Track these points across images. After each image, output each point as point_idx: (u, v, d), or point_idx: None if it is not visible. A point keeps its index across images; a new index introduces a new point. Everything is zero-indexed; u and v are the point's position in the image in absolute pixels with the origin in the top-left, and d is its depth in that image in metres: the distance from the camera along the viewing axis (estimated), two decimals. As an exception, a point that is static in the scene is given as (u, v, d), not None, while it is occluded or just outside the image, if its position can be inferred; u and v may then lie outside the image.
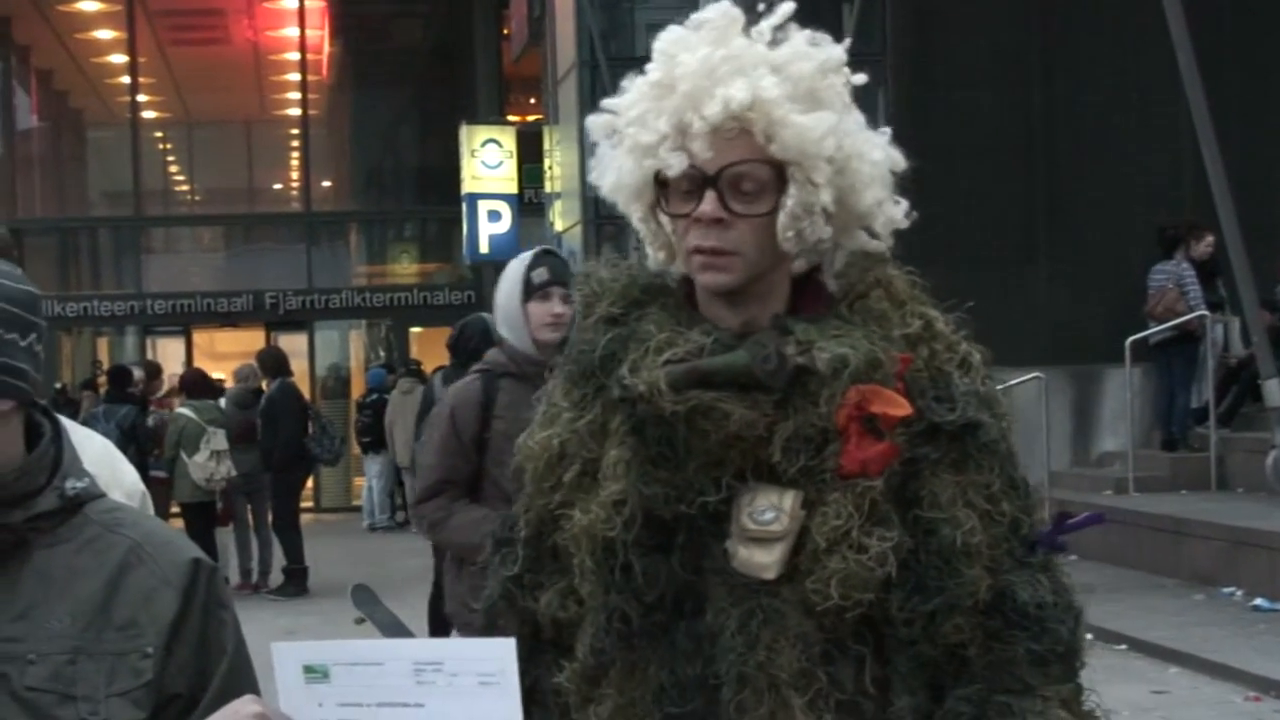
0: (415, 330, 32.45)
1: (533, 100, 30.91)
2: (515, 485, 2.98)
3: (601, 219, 23.38)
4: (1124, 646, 12.86)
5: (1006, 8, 21.14)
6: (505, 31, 31.50)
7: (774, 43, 2.78)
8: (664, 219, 2.83)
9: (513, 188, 28.34)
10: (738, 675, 2.69)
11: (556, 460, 2.86)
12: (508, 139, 28.55)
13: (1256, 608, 13.75)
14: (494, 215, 28.17)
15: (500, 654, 2.33)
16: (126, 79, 33.99)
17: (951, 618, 2.71)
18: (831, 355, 2.68)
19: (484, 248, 28.32)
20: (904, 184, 2.87)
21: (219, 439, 18.03)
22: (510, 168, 28.20)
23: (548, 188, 26.88)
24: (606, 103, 2.88)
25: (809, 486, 2.71)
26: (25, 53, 35.21)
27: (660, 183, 2.79)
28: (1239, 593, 14.28)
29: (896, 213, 2.84)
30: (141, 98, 34.47)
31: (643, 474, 2.73)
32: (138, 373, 21.00)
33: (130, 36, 33.64)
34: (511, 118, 30.93)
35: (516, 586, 2.92)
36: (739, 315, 2.79)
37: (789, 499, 2.71)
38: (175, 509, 18.19)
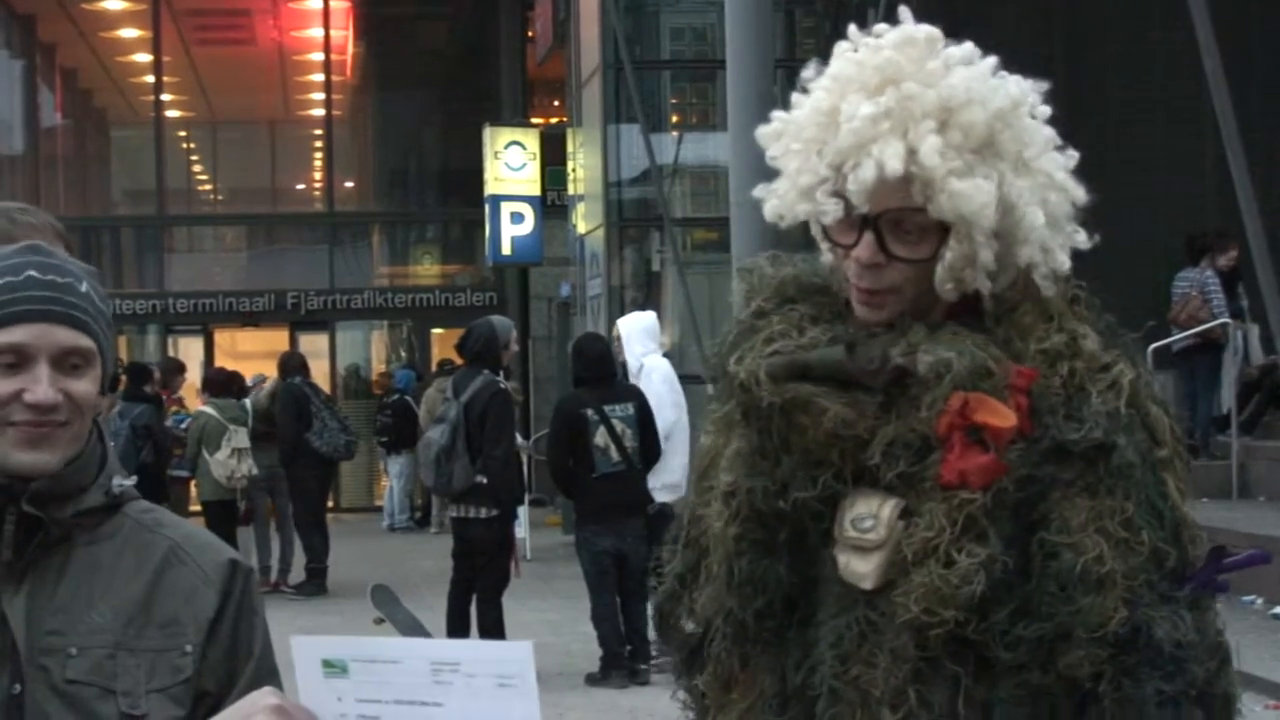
0: (437, 331, 32.45)
1: (556, 102, 30.92)
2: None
3: (624, 221, 23.41)
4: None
5: (1028, 15, 21.13)
6: (530, 34, 31.52)
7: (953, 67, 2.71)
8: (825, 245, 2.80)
9: (536, 190, 28.35)
10: (830, 688, 2.65)
11: (712, 462, 2.86)
12: (531, 141, 28.54)
13: (1277, 616, 13.70)
14: (517, 217, 28.17)
15: (518, 657, 2.33)
16: (151, 78, 34.03)
17: (1071, 648, 2.58)
18: (935, 359, 2.63)
19: (506, 249, 28.33)
20: (1086, 214, 2.80)
21: (240, 437, 18.16)
22: (533, 170, 28.19)
23: (571, 190, 26.87)
24: (780, 115, 2.82)
25: (909, 495, 2.64)
26: (50, 51, 35.27)
27: None
28: (1259, 601, 14.22)
29: (1063, 261, 2.74)
30: (166, 97, 34.50)
31: (749, 465, 2.71)
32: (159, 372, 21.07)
33: (155, 35, 33.67)
34: (535, 120, 30.92)
35: (682, 585, 2.92)
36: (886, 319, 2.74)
37: (887, 507, 2.65)
38: (194, 508, 18.24)
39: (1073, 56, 21.07)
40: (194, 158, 37.47)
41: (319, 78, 34.56)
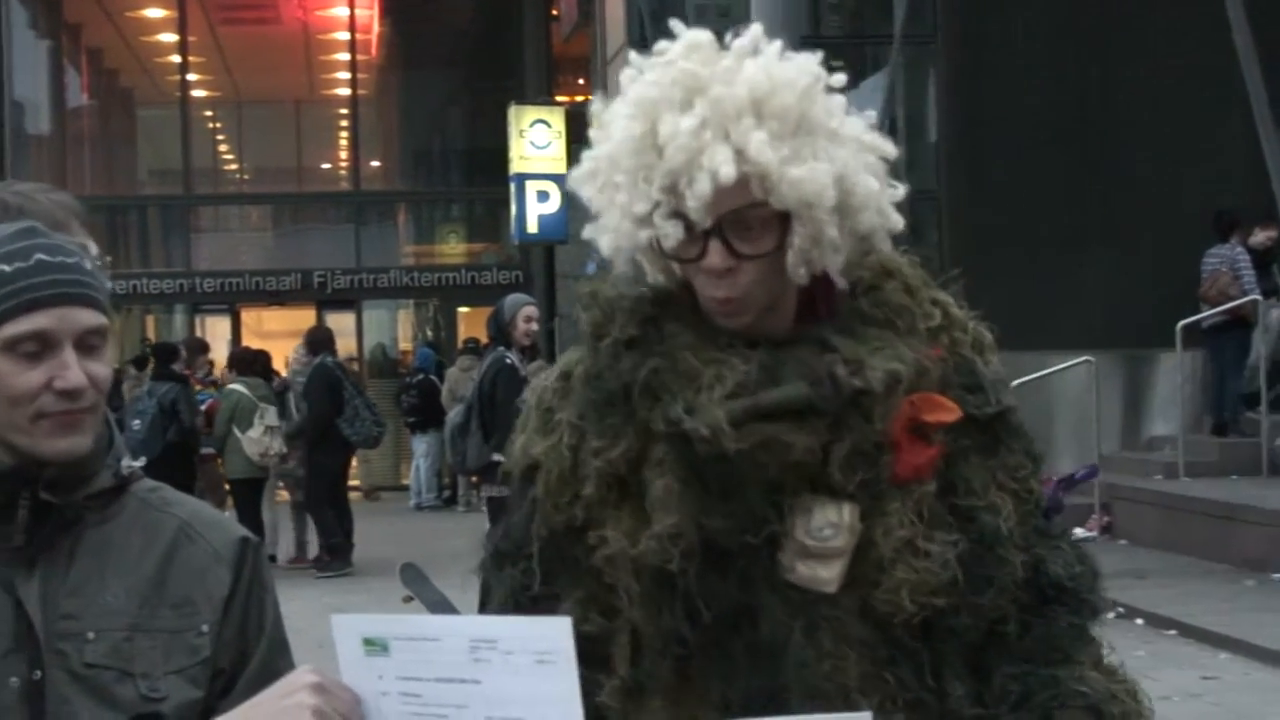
0: (463, 310, 32.49)
1: (581, 81, 30.93)
2: (513, 494, 2.92)
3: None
4: (1174, 632, 12.81)
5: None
6: (554, 12, 31.53)
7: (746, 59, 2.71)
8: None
9: (561, 168, 28.31)
10: (808, 686, 2.68)
11: (569, 473, 2.80)
12: (556, 119, 28.55)
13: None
14: (542, 195, 28.20)
15: (556, 633, 2.31)
16: (176, 58, 34.10)
17: (998, 602, 2.73)
18: (884, 373, 2.68)
19: (532, 228, 28.36)
20: (895, 168, 2.83)
21: (271, 415, 18.29)
22: (559, 148, 28.20)
23: (596, 168, 26.85)
24: (588, 154, 2.81)
25: (863, 498, 2.70)
26: (76, 31, 35.34)
27: None
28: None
29: (897, 221, 2.80)
30: (191, 76, 34.57)
31: (703, 508, 2.69)
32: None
33: (181, 15, 33.75)
34: (560, 98, 30.92)
35: (527, 599, 2.85)
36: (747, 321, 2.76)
37: (846, 513, 2.69)
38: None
39: (1100, 32, 20.96)
40: (220, 137, 37.53)
41: (344, 57, 34.62)
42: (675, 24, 2.80)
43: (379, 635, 2.36)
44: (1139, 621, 12.92)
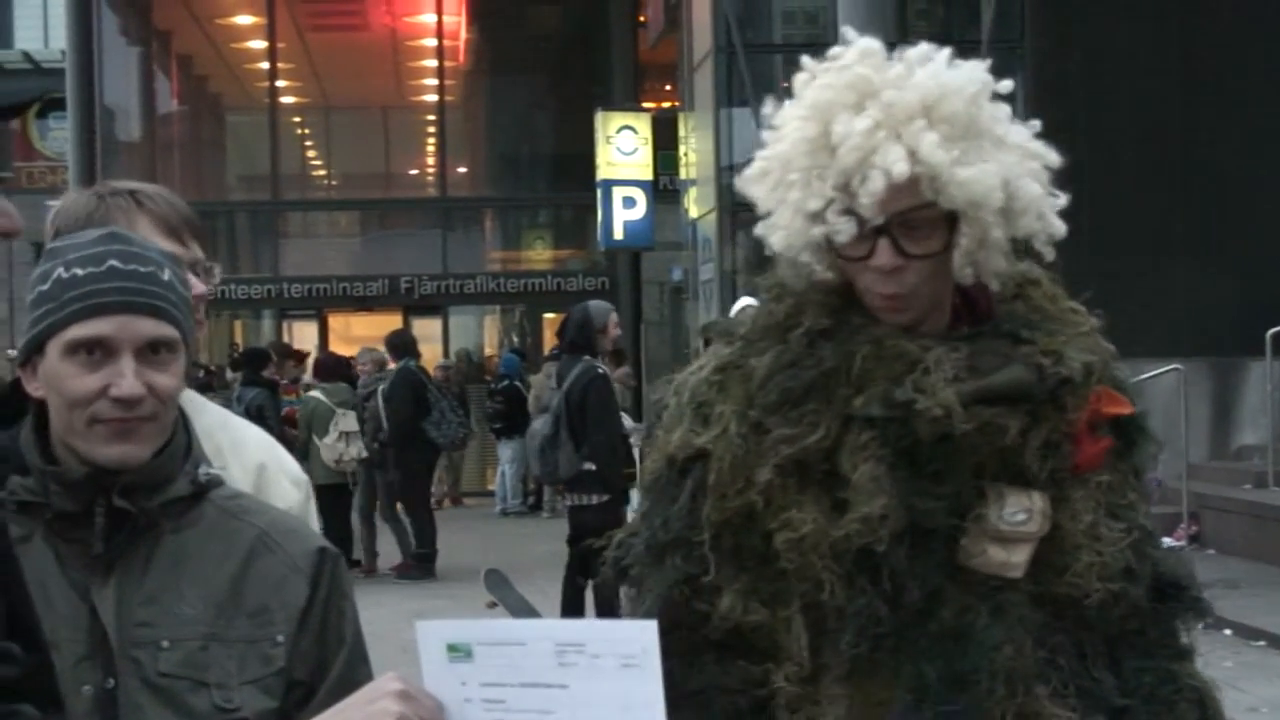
0: (549, 316, 32.47)
1: (668, 86, 30.89)
2: (663, 487, 2.94)
3: (737, 206, 23.32)
4: (1262, 643, 12.70)
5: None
6: (641, 18, 31.51)
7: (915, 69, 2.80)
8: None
9: (648, 174, 28.35)
10: (997, 670, 2.76)
11: (742, 461, 2.84)
12: (643, 125, 28.54)
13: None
14: (629, 201, 28.19)
15: (642, 636, 2.31)
16: (265, 64, 34.26)
17: (1138, 595, 2.90)
18: (1081, 364, 2.83)
19: (618, 234, 28.35)
20: (1054, 177, 2.89)
21: (348, 420, 18.21)
22: (645, 154, 28.19)
23: (683, 174, 26.85)
24: (761, 154, 2.90)
25: (1050, 485, 2.82)
26: (166, 38, 35.57)
27: None
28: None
29: (1059, 227, 2.89)
30: (280, 83, 34.73)
31: (915, 489, 2.77)
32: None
33: (270, 22, 33.90)
34: (647, 104, 30.91)
35: (691, 589, 2.88)
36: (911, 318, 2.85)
37: (1038, 500, 2.81)
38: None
39: (1188, 36, 20.81)
40: (308, 143, 37.69)
41: (432, 63, 34.70)
42: (847, 30, 2.89)
43: (463, 641, 2.36)
44: (1227, 632, 12.80)
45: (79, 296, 2.49)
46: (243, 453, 3.11)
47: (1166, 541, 15.17)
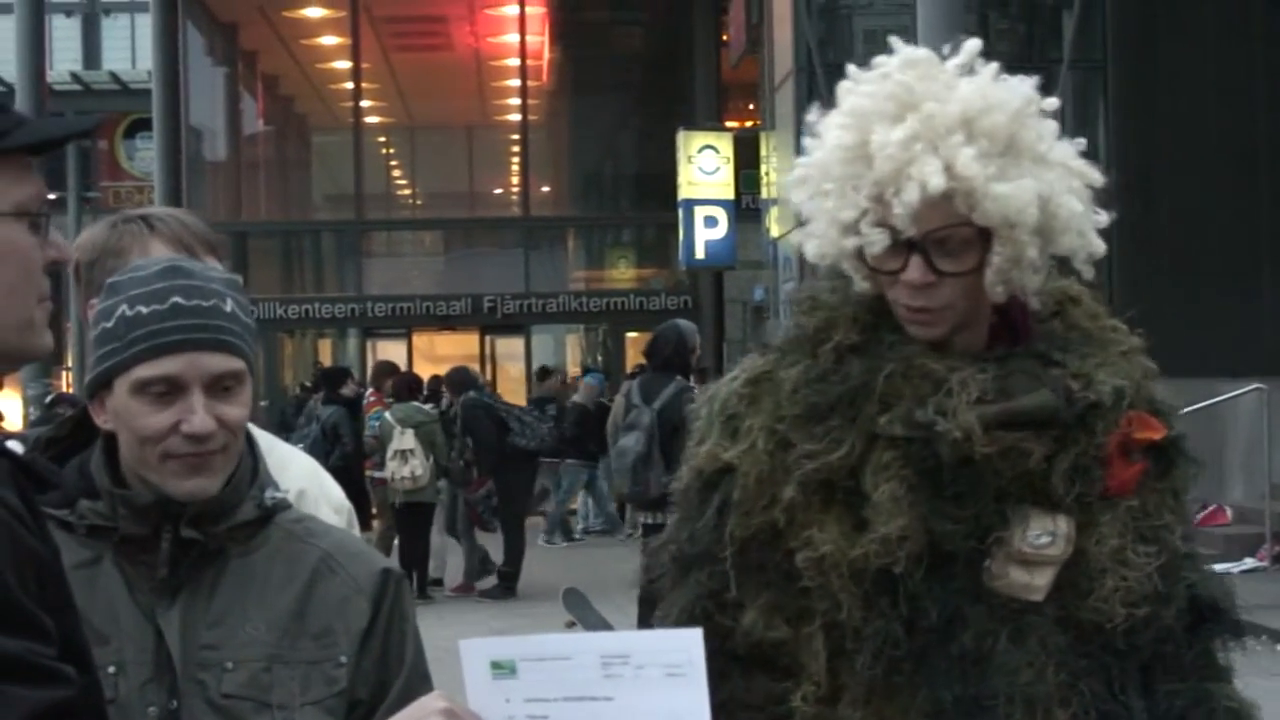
0: (631, 335, 32.55)
1: (750, 106, 30.91)
2: (692, 500, 2.93)
3: (818, 225, 23.26)
4: (1347, 665, 12.56)
5: (1229, 14, 20.76)
6: (724, 38, 31.54)
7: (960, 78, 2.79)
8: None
9: (729, 193, 28.35)
10: (1016, 694, 2.74)
11: (767, 477, 2.82)
12: (725, 145, 28.56)
13: None
14: (710, 221, 28.21)
15: (688, 645, 2.32)
16: (350, 84, 34.46)
17: (1170, 618, 2.84)
18: (1112, 388, 2.78)
19: (700, 253, 28.37)
20: (1105, 195, 2.88)
21: (406, 439, 17.97)
22: (727, 173, 28.21)
23: (764, 193, 26.83)
24: (802, 161, 2.89)
25: (1076, 509, 2.78)
26: (252, 58, 35.85)
27: None
28: None
29: (1099, 246, 2.86)
30: (365, 103, 34.94)
31: (932, 511, 2.74)
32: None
33: (354, 42, 34.10)
34: (729, 124, 30.93)
35: (715, 604, 2.87)
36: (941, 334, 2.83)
37: (1063, 523, 2.77)
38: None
39: (1275, 56, 20.69)
40: (392, 162, 37.90)
41: (515, 83, 34.82)
42: (894, 39, 2.88)
43: (506, 658, 2.36)
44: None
45: (144, 336, 2.51)
46: (285, 477, 3.12)
47: (1249, 562, 15.10)
